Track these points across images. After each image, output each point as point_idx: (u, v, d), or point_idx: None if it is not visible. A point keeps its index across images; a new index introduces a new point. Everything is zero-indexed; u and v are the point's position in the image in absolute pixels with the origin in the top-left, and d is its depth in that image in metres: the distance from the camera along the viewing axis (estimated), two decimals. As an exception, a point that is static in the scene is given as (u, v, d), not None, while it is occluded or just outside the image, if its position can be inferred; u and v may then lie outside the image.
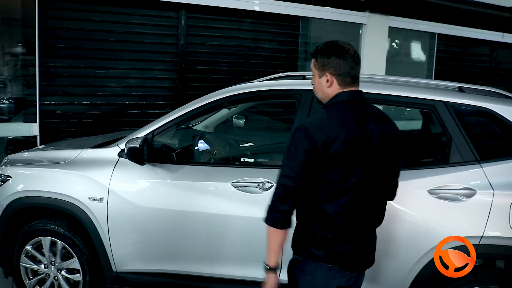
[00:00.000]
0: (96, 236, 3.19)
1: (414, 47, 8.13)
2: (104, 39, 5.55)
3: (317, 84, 2.18)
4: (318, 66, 2.15)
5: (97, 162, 3.26)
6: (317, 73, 2.17)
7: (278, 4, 6.47)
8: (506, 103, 2.89)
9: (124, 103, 5.79)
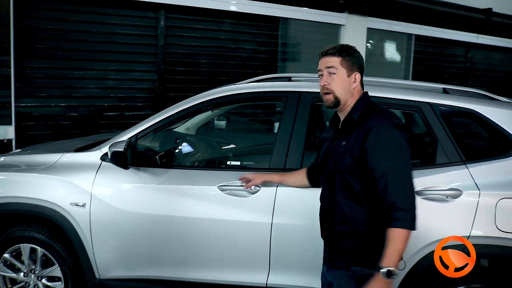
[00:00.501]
0: (78, 243, 3.11)
1: (392, 48, 8.21)
2: (82, 39, 5.43)
3: (343, 83, 2.20)
4: (347, 65, 2.20)
5: (79, 166, 3.17)
6: (345, 72, 2.20)
7: (257, 5, 6.44)
8: (490, 104, 2.92)
9: (103, 105, 5.68)
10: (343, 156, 2.17)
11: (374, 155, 2.07)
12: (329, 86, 2.20)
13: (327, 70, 2.21)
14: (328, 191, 2.25)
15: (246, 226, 2.90)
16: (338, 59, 2.20)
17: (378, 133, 2.07)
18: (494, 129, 2.83)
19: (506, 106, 2.92)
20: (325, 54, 2.23)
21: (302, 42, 7.17)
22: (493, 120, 2.83)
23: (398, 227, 2.00)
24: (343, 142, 2.19)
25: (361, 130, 2.13)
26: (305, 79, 3.32)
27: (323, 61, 2.23)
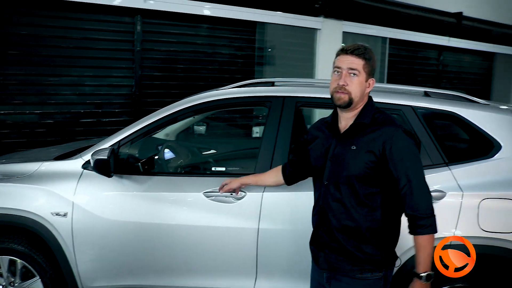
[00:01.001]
0: (60, 253, 3.05)
1: (367, 51, 8.30)
2: (57, 45, 5.33)
3: (361, 86, 2.15)
4: (368, 69, 2.16)
5: (60, 175, 3.11)
6: (364, 75, 2.15)
7: (234, 10, 6.44)
8: (470, 106, 2.98)
9: (79, 111, 5.59)
10: (353, 160, 2.11)
11: (398, 164, 2.05)
12: (348, 87, 2.12)
13: (349, 70, 2.12)
14: (331, 194, 2.18)
15: (233, 232, 2.89)
16: (362, 62, 2.13)
17: (398, 142, 2.06)
18: (475, 131, 2.89)
19: (486, 109, 2.99)
20: (351, 53, 2.13)
21: (278, 46, 7.21)
22: (474, 122, 2.89)
23: (427, 234, 2.05)
24: (353, 146, 2.13)
25: (376, 137, 2.09)
26: (288, 84, 3.33)
27: (346, 60, 2.13)
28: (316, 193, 2.30)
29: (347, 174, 2.12)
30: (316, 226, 2.28)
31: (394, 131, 2.08)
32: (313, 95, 3.06)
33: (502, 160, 2.81)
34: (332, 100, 2.18)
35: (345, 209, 2.14)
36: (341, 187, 2.14)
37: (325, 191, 2.20)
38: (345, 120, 2.21)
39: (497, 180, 2.78)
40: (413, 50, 9.01)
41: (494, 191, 2.75)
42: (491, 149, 2.84)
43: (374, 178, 2.10)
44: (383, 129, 2.09)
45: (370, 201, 2.12)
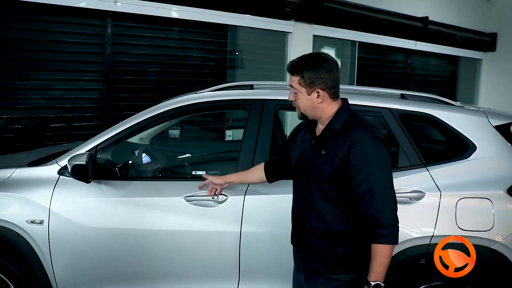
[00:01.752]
0: (36, 262, 2.96)
1: (337, 54, 8.41)
2: (25, 48, 5.19)
3: (306, 101, 2.19)
4: (306, 83, 2.15)
5: (35, 181, 3.02)
6: (304, 91, 2.17)
7: (206, 13, 6.41)
8: (446, 108, 3.05)
9: (49, 116, 5.44)
10: (321, 165, 2.15)
11: (359, 170, 2.05)
12: (295, 102, 2.23)
13: (292, 88, 2.21)
14: (304, 197, 2.23)
15: (215, 236, 2.87)
16: (296, 78, 2.17)
17: (363, 147, 2.05)
18: (451, 132, 2.97)
19: (460, 110, 3.06)
20: (288, 71, 2.21)
21: (250, 50, 7.21)
22: (450, 124, 2.97)
23: (384, 243, 2.02)
24: (323, 151, 2.16)
25: (343, 141, 2.11)
26: (267, 87, 3.34)
27: (289, 78, 2.22)
28: (294, 194, 2.35)
29: (316, 178, 2.16)
30: (293, 227, 2.35)
31: (362, 136, 2.07)
32: (293, 98, 3.07)
33: (477, 161, 2.89)
34: None
35: (317, 213, 2.18)
36: (313, 190, 2.19)
37: (299, 193, 2.27)
38: (319, 126, 2.26)
39: (473, 180, 2.86)
40: (381, 54, 9.17)
41: (471, 190, 2.82)
42: (466, 150, 2.92)
43: (342, 182, 2.12)
44: (352, 133, 2.10)
45: (341, 204, 2.14)
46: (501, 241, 2.77)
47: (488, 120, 3.01)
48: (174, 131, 4.56)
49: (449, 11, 10.35)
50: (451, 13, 10.37)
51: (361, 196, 2.05)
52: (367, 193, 2.03)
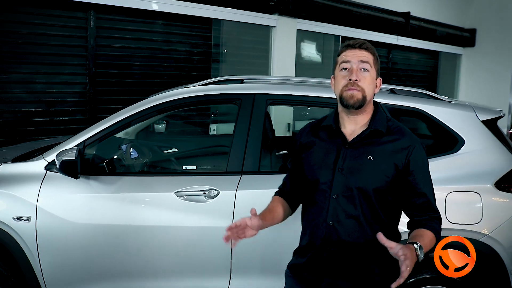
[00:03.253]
0: (23, 260, 2.91)
1: (321, 49, 8.43)
2: (5, 40, 5.07)
3: (372, 83, 1.95)
4: (377, 67, 1.99)
5: (20, 177, 2.97)
6: (374, 72, 1.96)
7: (190, 6, 6.35)
8: (434, 103, 3.08)
9: (30, 110, 5.34)
10: (371, 172, 1.91)
11: (422, 178, 1.93)
12: (361, 83, 1.91)
13: (361, 64, 1.91)
14: (343, 210, 1.93)
15: (206, 232, 2.86)
16: (372, 57, 1.95)
17: (419, 155, 1.94)
18: (440, 127, 3.00)
19: (448, 105, 3.10)
20: (359, 47, 1.94)
21: (234, 44, 7.18)
22: (439, 118, 3.00)
23: (434, 233, 1.91)
24: (370, 157, 1.92)
25: (396, 147, 1.93)
26: (258, 81, 3.33)
27: (355, 54, 1.92)
28: (315, 209, 2.00)
29: (364, 187, 1.91)
30: (318, 249, 1.98)
31: (416, 142, 1.95)
32: (284, 92, 3.08)
33: (466, 155, 2.93)
34: (342, 100, 1.93)
35: (360, 227, 1.92)
36: (356, 201, 1.92)
37: (335, 206, 1.94)
38: (351, 125, 1.99)
39: (462, 174, 2.90)
40: (364, 48, 9.21)
41: (460, 184, 2.87)
42: (455, 144, 2.96)
43: (391, 192, 1.94)
44: (404, 140, 1.94)
45: (385, 216, 1.96)
46: (489, 234, 2.83)
47: (476, 114, 3.05)
48: (160, 126, 4.52)
49: (430, 6, 10.47)
50: (432, 8, 10.49)
51: (422, 204, 1.94)
52: (427, 202, 1.95)
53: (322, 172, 1.98)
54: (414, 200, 1.94)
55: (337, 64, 2.00)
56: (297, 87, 3.09)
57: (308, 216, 2.04)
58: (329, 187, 1.95)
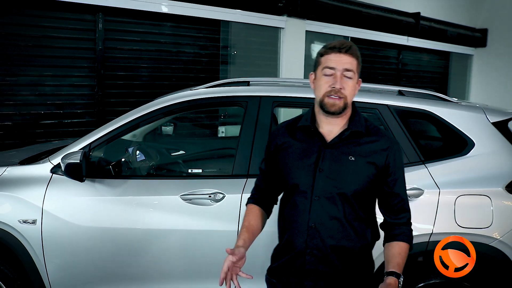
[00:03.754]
0: (29, 262, 2.90)
1: (330, 50, 8.37)
2: (14, 43, 5.09)
3: (354, 90, 1.92)
4: (359, 70, 1.93)
5: (27, 180, 2.96)
6: (356, 77, 1.92)
7: (198, 8, 6.34)
8: (443, 105, 3.03)
9: (39, 112, 5.36)
10: (352, 173, 1.90)
11: (397, 179, 1.95)
12: (344, 91, 1.87)
13: (345, 72, 1.87)
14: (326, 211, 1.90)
15: (212, 235, 2.83)
16: (356, 61, 1.91)
17: (399, 155, 1.97)
18: (449, 129, 2.95)
19: (458, 107, 3.05)
20: (346, 52, 1.88)
21: (243, 45, 7.16)
22: (448, 120, 2.95)
23: (408, 243, 1.96)
24: (351, 157, 1.91)
25: (376, 147, 1.93)
26: (264, 83, 3.30)
27: (341, 59, 1.86)
28: (294, 211, 1.96)
29: (346, 188, 1.90)
30: (300, 251, 1.94)
31: (394, 143, 1.97)
32: (291, 95, 3.04)
33: (476, 157, 2.87)
34: (322, 106, 1.90)
35: (343, 228, 1.91)
36: (338, 202, 1.90)
37: (317, 208, 1.91)
38: (328, 126, 1.96)
39: (471, 177, 2.85)
40: (373, 49, 9.16)
41: (469, 187, 2.81)
42: (465, 146, 2.91)
43: (371, 192, 1.96)
44: (383, 141, 1.95)
45: (366, 216, 1.97)
46: (500, 238, 2.77)
47: (486, 116, 3.00)
48: (168, 128, 4.50)
49: (441, 6, 10.37)
50: (443, 8, 10.39)
51: (396, 204, 1.97)
52: (402, 202, 1.98)
53: (302, 174, 1.94)
54: (391, 200, 1.97)
55: (320, 64, 1.94)
56: (304, 89, 3.05)
57: (287, 218, 2.00)
58: (310, 188, 1.92)
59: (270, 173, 2.10)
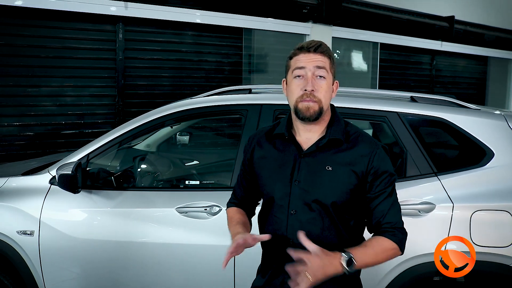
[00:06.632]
0: (27, 274, 2.86)
1: (358, 56, 8.17)
2: (35, 55, 5.16)
3: (329, 91, 1.76)
4: (334, 70, 1.79)
5: (26, 191, 2.93)
6: (331, 77, 1.77)
7: (220, 16, 6.29)
8: (459, 112, 2.81)
9: (60, 123, 5.40)
10: (330, 184, 1.75)
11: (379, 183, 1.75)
12: (317, 93, 1.72)
13: (316, 71, 1.73)
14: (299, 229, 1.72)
15: (208, 250, 2.70)
16: (328, 60, 1.75)
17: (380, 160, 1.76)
18: (465, 137, 2.72)
19: (476, 114, 2.82)
20: (315, 51, 1.74)
21: (267, 53, 7.05)
22: (464, 128, 2.72)
23: (393, 241, 1.72)
24: (328, 167, 1.75)
25: (355, 155, 1.76)
26: (266, 91, 3.16)
27: (310, 58, 1.73)
28: (273, 226, 1.82)
29: (323, 200, 1.74)
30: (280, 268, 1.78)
31: (375, 148, 1.77)
32: (293, 103, 2.89)
33: (495, 169, 2.63)
34: (297, 112, 1.75)
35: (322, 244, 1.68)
36: (316, 216, 1.75)
37: (294, 223, 1.76)
38: (306, 134, 1.81)
39: (490, 190, 2.61)
40: (405, 55, 8.87)
41: (487, 202, 2.58)
42: (483, 157, 2.67)
43: (352, 204, 1.78)
44: (363, 146, 1.77)
45: (347, 231, 1.78)
46: (521, 258, 2.52)
47: (508, 124, 2.76)
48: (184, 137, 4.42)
49: (477, 9, 9.96)
50: (479, 11, 9.97)
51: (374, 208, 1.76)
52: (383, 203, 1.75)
53: (277, 186, 1.81)
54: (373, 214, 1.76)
55: (289, 69, 1.80)
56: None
57: (267, 232, 1.83)
58: (286, 201, 1.78)
59: (248, 180, 1.99)
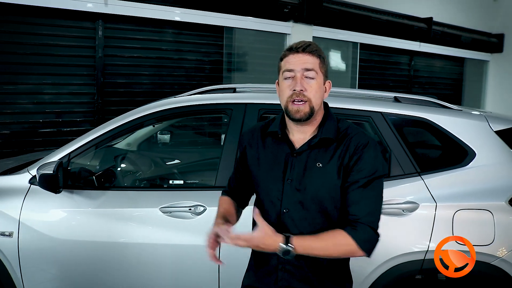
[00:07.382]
0: (5, 276, 2.79)
1: (338, 56, 8.22)
2: (12, 51, 5.04)
3: (320, 91, 1.76)
4: (324, 69, 1.78)
5: (4, 191, 2.86)
6: (321, 77, 1.77)
7: (201, 14, 6.23)
8: (442, 112, 2.84)
9: (38, 121, 5.29)
10: (321, 181, 1.74)
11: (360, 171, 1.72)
12: (307, 93, 1.73)
13: (305, 72, 1.73)
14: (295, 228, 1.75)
15: (193, 249, 2.68)
16: (317, 60, 1.75)
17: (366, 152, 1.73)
18: (448, 138, 2.76)
19: (458, 115, 2.86)
20: (303, 51, 1.74)
21: (247, 52, 7.03)
22: (447, 128, 2.76)
23: (351, 236, 1.66)
24: (318, 163, 1.74)
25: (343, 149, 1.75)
26: (250, 90, 3.15)
27: (299, 59, 1.73)
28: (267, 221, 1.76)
29: (315, 198, 1.74)
30: (272, 267, 1.83)
31: (362, 140, 1.76)
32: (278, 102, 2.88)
33: (477, 169, 2.67)
34: (288, 113, 1.76)
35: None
36: (308, 215, 1.75)
37: (287, 222, 1.77)
38: (299, 134, 1.82)
39: (472, 189, 2.65)
40: (384, 55, 8.96)
41: (469, 201, 2.61)
42: (465, 157, 2.71)
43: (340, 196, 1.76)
44: (352, 140, 1.76)
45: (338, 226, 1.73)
46: (503, 256, 2.56)
47: (489, 124, 2.80)
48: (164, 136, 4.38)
49: (454, 11, 10.10)
50: (456, 13, 10.12)
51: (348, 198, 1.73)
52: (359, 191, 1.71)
53: (270, 184, 1.82)
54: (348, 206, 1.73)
55: (280, 70, 1.82)
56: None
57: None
58: (279, 200, 1.79)
59: (242, 174, 2.00)
